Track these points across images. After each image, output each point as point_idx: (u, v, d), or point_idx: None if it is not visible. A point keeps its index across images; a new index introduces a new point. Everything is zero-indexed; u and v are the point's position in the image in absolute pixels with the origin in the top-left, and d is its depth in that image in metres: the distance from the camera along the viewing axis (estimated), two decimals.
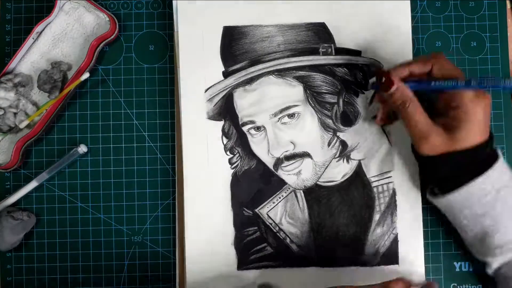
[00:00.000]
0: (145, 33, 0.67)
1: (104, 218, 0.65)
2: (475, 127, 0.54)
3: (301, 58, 0.64)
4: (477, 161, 0.55)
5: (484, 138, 0.55)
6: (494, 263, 0.56)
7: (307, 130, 0.64)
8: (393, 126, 0.64)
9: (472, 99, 0.54)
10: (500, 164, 0.56)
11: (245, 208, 0.64)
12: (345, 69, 0.64)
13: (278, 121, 0.63)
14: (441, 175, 0.58)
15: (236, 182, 0.64)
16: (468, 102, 0.54)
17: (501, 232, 0.55)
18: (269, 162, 0.64)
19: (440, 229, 0.65)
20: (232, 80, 0.64)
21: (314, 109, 0.64)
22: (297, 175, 0.64)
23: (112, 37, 0.66)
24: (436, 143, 0.55)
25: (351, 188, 0.64)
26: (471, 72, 0.67)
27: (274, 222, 0.64)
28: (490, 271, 0.57)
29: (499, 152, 0.57)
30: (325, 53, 0.64)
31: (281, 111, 0.63)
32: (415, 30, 0.67)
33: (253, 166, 0.64)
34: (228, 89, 0.64)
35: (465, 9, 0.68)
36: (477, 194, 0.55)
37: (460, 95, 0.55)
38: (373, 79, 0.63)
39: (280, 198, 0.64)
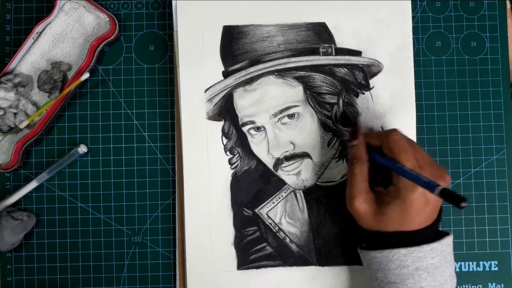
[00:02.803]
0: (145, 33, 0.68)
1: (104, 218, 0.66)
2: (402, 211, 0.54)
3: (301, 58, 0.64)
4: (403, 241, 0.54)
5: (414, 226, 0.54)
6: None
7: (307, 131, 0.64)
8: (393, 126, 0.64)
9: (407, 183, 0.53)
10: (432, 247, 0.54)
11: (245, 208, 0.64)
12: (345, 69, 0.64)
13: (278, 121, 0.64)
14: (365, 240, 0.59)
15: (236, 182, 0.64)
16: (402, 183, 0.54)
17: None
18: (269, 162, 0.64)
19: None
20: (232, 80, 0.64)
21: (314, 109, 0.64)
22: (296, 176, 0.64)
23: (112, 37, 0.66)
24: (361, 210, 0.56)
25: None
26: (471, 72, 0.67)
27: (273, 222, 0.64)
28: None
29: (445, 239, 0.55)
30: (325, 53, 0.64)
31: (281, 111, 0.63)
32: (415, 30, 0.67)
33: (253, 166, 0.64)
34: (228, 89, 0.64)
35: (465, 9, 0.68)
36: (395, 262, 0.54)
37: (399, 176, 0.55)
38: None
39: (279, 198, 0.64)
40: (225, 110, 0.64)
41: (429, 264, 0.54)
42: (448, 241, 0.56)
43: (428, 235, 0.55)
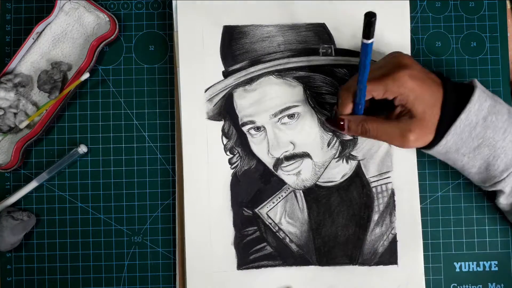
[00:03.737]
0: (145, 33, 0.68)
1: (104, 218, 0.66)
2: (421, 95, 0.55)
3: (301, 58, 0.64)
4: (453, 104, 0.55)
5: (439, 92, 0.55)
6: (506, 187, 0.58)
7: (307, 131, 0.64)
8: None
9: (393, 84, 0.54)
10: (477, 95, 0.55)
11: (245, 208, 0.64)
12: (345, 70, 0.64)
13: (278, 121, 0.64)
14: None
15: (236, 182, 0.64)
16: (390, 84, 0.54)
17: (501, 156, 0.56)
18: (269, 162, 0.64)
19: (440, 229, 0.65)
20: (232, 80, 0.64)
21: (314, 109, 0.64)
22: (296, 175, 0.64)
23: (112, 37, 0.66)
24: (415, 136, 0.56)
25: (350, 188, 0.64)
26: (471, 72, 0.67)
27: (273, 222, 0.64)
28: (504, 201, 0.59)
29: (475, 83, 0.56)
30: (325, 54, 0.65)
31: (281, 111, 0.63)
32: (415, 30, 0.67)
33: (253, 166, 0.64)
34: (228, 89, 0.64)
35: (465, 9, 0.68)
36: (466, 130, 0.55)
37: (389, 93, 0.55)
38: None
39: (279, 198, 0.64)
40: (225, 110, 0.64)
41: (488, 107, 0.55)
42: (477, 82, 0.57)
43: (455, 88, 0.56)
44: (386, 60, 0.58)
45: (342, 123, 0.58)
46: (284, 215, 0.64)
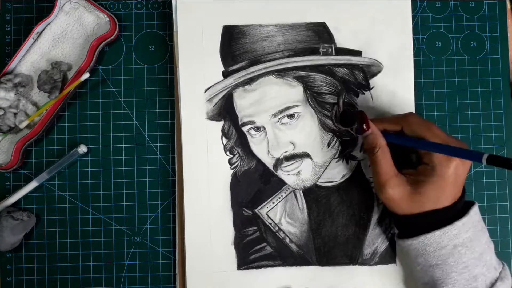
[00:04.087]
0: (145, 33, 0.68)
1: (104, 218, 0.66)
2: (441, 186, 0.54)
3: (301, 58, 0.64)
4: (441, 219, 0.55)
5: (450, 201, 0.55)
6: None
7: (307, 131, 0.64)
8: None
9: (442, 158, 0.54)
10: (463, 222, 0.55)
11: (244, 208, 0.64)
12: (345, 69, 0.64)
13: (278, 121, 0.63)
14: (401, 227, 0.59)
15: (236, 182, 0.64)
16: (437, 161, 0.54)
17: (448, 287, 0.55)
18: (269, 162, 0.64)
19: None
20: (232, 80, 0.64)
21: (314, 109, 0.64)
22: (296, 176, 0.64)
23: (112, 37, 0.66)
24: (394, 195, 0.56)
25: (350, 189, 0.64)
26: (471, 72, 0.67)
27: (273, 222, 0.64)
28: None
29: (472, 209, 0.56)
30: (325, 53, 0.64)
31: (281, 111, 0.63)
32: (415, 30, 0.67)
33: (252, 167, 0.64)
34: (228, 89, 0.64)
35: (465, 9, 0.68)
36: (433, 245, 0.55)
37: (431, 152, 0.55)
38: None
39: (279, 198, 0.64)
40: (225, 110, 0.64)
41: (465, 239, 0.55)
42: (475, 210, 0.56)
43: (458, 209, 0.56)
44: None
45: (365, 127, 0.58)
46: (284, 215, 0.64)
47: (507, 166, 0.47)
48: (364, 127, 0.58)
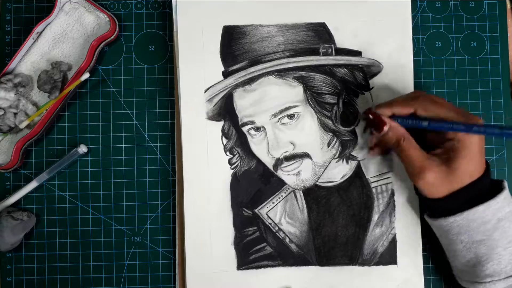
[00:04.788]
0: (145, 33, 0.68)
1: (104, 218, 0.66)
2: (472, 157, 0.54)
3: (301, 58, 0.64)
4: (479, 193, 0.55)
5: (481, 171, 0.55)
6: None
7: (306, 131, 0.64)
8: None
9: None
10: (504, 196, 0.55)
11: (244, 208, 0.64)
12: (345, 69, 0.64)
13: (278, 121, 0.63)
14: (437, 210, 0.58)
15: (236, 183, 0.64)
16: (461, 134, 0.54)
17: (494, 262, 0.55)
18: (269, 162, 0.64)
19: None
20: (232, 80, 0.64)
21: (314, 109, 0.64)
22: (296, 176, 0.64)
23: (112, 37, 0.66)
24: (432, 179, 0.55)
25: (350, 189, 0.64)
26: (471, 72, 0.67)
27: (273, 222, 0.64)
28: None
29: (505, 184, 0.56)
30: (325, 54, 0.64)
31: (281, 111, 0.63)
32: (415, 30, 0.67)
33: (252, 167, 0.64)
34: (228, 89, 0.64)
35: (465, 9, 0.68)
36: (477, 221, 0.55)
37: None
38: (361, 115, 0.64)
39: (279, 198, 0.64)
40: (225, 110, 0.64)
41: (507, 212, 0.55)
42: (505, 185, 0.57)
43: (488, 181, 0.56)
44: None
45: (383, 124, 0.57)
46: (284, 215, 0.64)
47: None
48: (380, 124, 0.57)
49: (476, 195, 0.55)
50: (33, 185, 0.65)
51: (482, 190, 0.55)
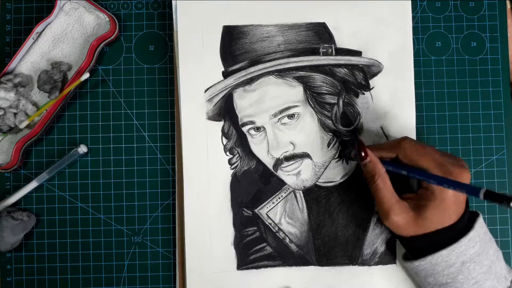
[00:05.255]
0: (145, 34, 0.68)
1: (104, 218, 0.66)
2: (443, 208, 0.55)
3: (301, 58, 0.64)
4: (448, 237, 0.55)
5: (454, 219, 0.55)
6: None
7: (306, 131, 0.64)
8: (392, 127, 0.64)
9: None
10: (469, 238, 0.55)
11: (244, 208, 0.64)
12: (345, 69, 0.64)
13: (278, 121, 0.63)
14: (407, 248, 0.59)
15: (236, 183, 0.64)
16: (436, 185, 0.54)
17: None
18: (269, 162, 0.64)
19: None
20: (232, 80, 0.64)
21: (314, 109, 0.64)
22: (296, 176, 0.64)
23: (112, 37, 0.66)
24: (397, 222, 0.56)
25: (350, 189, 0.64)
26: (471, 72, 0.67)
27: (273, 222, 0.64)
28: None
29: (476, 223, 0.56)
30: (325, 54, 0.64)
31: (281, 111, 0.63)
32: (415, 30, 0.67)
33: (252, 167, 0.64)
34: (228, 89, 0.64)
35: (465, 9, 0.68)
36: (441, 264, 0.55)
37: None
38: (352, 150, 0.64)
39: (279, 198, 0.64)
40: (225, 110, 0.64)
41: (472, 254, 0.55)
42: (480, 223, 0.56)
43: (463, 224, 0.56)
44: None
45: (364, 156, 0.58)
46: (284, 215, 0.64)
47: (502, 202, 0.48)
48: (363, 154, 0.58)
49: (444, 239, 0.55)
50: (33, 185, 0.65)
51: (452, 234, 0.55)
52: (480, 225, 0.56)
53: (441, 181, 0.54)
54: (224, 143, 0.64)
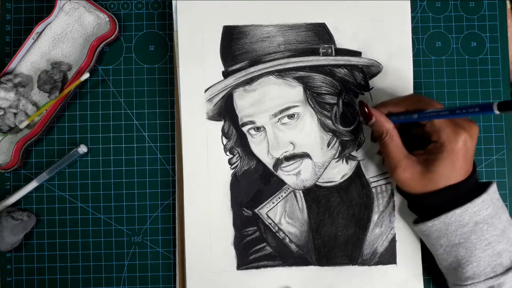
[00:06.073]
0: (145, 34, 0.68)
1: (104, 218, 0.66)
2: (451, 162, 0.54)
3: (301, 58, 0.64)
4: (459, 196, 0.55)
5: (462, 176, 0.55)
6: None
7: (306, 131, 0.64)
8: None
9: (450, 134, 0.54)
10: (482, 199, 0.55)
11: (244, 208, 0.64)
12: (345, 70, 0.64)
13: (278, 121, 0.64)
14: (419, 208, 0.59)
15: (236, 182, 0.64)
16: (445, 136, 0.54)
17: (473, 264, 0.55)
18: (269, 162, 0.64)
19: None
20: (232, 80, 0.64)
21: (313, 109, 0.64)
22: (296, 176, 0.64)
23: (112, 37, 0.66)
24: (405, 176, 0.56)
25: (350, 189, 0.64)
26: (471, 72, 0.67)
27: (273, 222, 0.64)
28: None
29: (490, 187, 0.56)
30: (325, 54, 0.64)
31: (281, 111, 0.63)
32: (415, 30, 0.67)
33: (252, 167, 0.64)
34: (228, 89, 0.64)
35: (465, 9, 0.68)
36: (454, 224, 0.55)
37: (438, 129, 0.55)
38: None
39: (279, 198, 0.64)
40: (225, 110, 0.64)
41: (485, 216, 0.55)
42: (494, 189, 0.57)
43: (472, 184, 0.56)
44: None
45: (370, 117, 0.58)
46: (284, 215, 0.64)
47: None
48: (368, 115, 0.58)
49: (455, 198, 0.55)
50: (33, 185, 0.65)
51: (462, 194, 0.55)
52: (494, 190, 0.56)
53: (453, 111, 0.53)
54: (224, 143, 0.64)
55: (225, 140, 0.64)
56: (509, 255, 0.55)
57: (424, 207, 0.58)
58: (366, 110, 0.58)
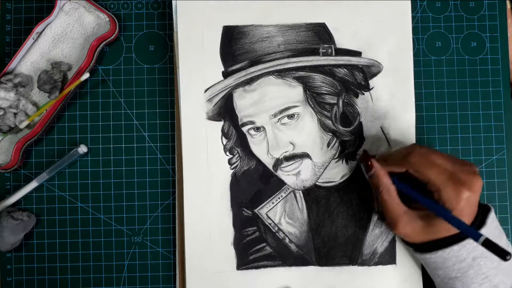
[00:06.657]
0: (145, 34, 0.68)
1: (104, 218, 0.66)
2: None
3: (301, 58, 0.64)
4: (455, 237, 0.55)
5: (468, 222, 0.54)
6: None
7: (306, 131, 0.64)
8: (392, 127, 0.64)
9: (451, 193, 0.53)
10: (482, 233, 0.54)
11: (244, 208, 0.64)
12: (345, 70, 0.64)
13: (278, 121, 0.64)
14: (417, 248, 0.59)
15: (236, 183, 0.64)
16: (446, 196, 0.53)
17: None
18: (269, 162, 0.64)
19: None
20: (231, 80, 0.64)
21: (313, 110, 0.64)
22: (296, 176, 0.64)
23: (112, 37, 0.66)
24: (406, 231, 0.56)
25: (350, 189, 0.64)
26: (471, 72, 0.67)
27: (273, 222, 0.64)
28: None
29: (487, 218, 0.55)
30: (325, 54, 0.64)
31: (281, 111, 0.63)
32: (415, 30, 0.67)
33: (252, 167, 0.64)
34: (228, 89, 0.64)
35: (465, 9, 0.68)
36: (452, 259, 0.55)
37: (438, 188, 0.54)
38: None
39: (279, 198, 0.64)
40: (225, 110, 0.64)
41: (483, 250, 0.54)
42: (492, 217, 0.56)
43: (475, 224, 0.55)
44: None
45: (370, 166, 0.58)
46: (284, 215, 0.64)
47: (500, 255, 0.48)
48: (369, 165, 0.58)
49: (451, 237, 0.55)
50: (33, 185, 0.65)
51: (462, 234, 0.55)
52: (492, 220, 0.56)
53: (444, 214, 0.53)
54: (224, 143, 0.64)
55: (225, 140, 0.64)
56: (505, 286, 0.55)
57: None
58: (369, 161, 0.58)
